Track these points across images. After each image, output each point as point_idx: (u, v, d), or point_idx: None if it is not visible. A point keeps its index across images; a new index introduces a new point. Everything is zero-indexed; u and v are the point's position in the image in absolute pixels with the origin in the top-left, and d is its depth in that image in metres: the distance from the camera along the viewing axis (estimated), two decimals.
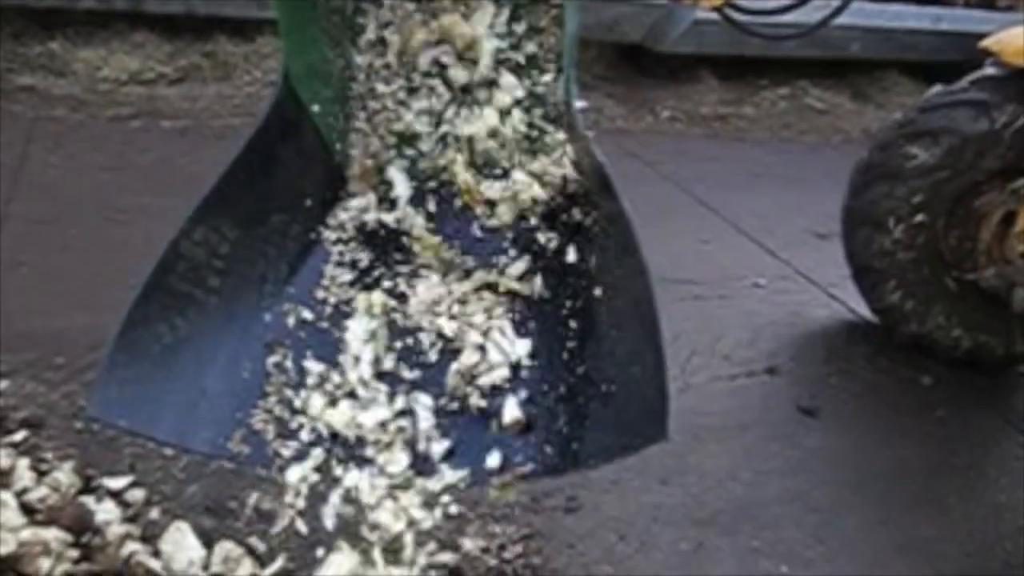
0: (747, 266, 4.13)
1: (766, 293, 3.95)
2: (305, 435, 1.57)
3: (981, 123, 3.23)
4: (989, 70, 3.31)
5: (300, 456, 1.55)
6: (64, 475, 2.31)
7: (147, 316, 1.44)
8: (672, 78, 6.07)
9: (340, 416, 1.58)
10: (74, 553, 2.07)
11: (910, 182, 3.33)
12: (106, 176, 4.15)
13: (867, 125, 6.04)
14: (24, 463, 2.31)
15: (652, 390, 1.29)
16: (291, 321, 1.65)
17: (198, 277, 1.50)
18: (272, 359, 1.62)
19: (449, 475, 1.53)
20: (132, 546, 2.13)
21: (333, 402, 1.58)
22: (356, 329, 1.63)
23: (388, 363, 1.63)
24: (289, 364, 1.61)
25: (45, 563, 1.99)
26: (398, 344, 1.65)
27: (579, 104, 1.57)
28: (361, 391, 1.61)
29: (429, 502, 1.53)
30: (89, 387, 1.56)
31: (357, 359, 1.61)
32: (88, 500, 2.26)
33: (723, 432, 2.99)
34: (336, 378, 1.62)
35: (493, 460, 1.53)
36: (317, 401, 1.59)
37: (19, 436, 2.47)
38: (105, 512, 2.24)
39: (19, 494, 2.19)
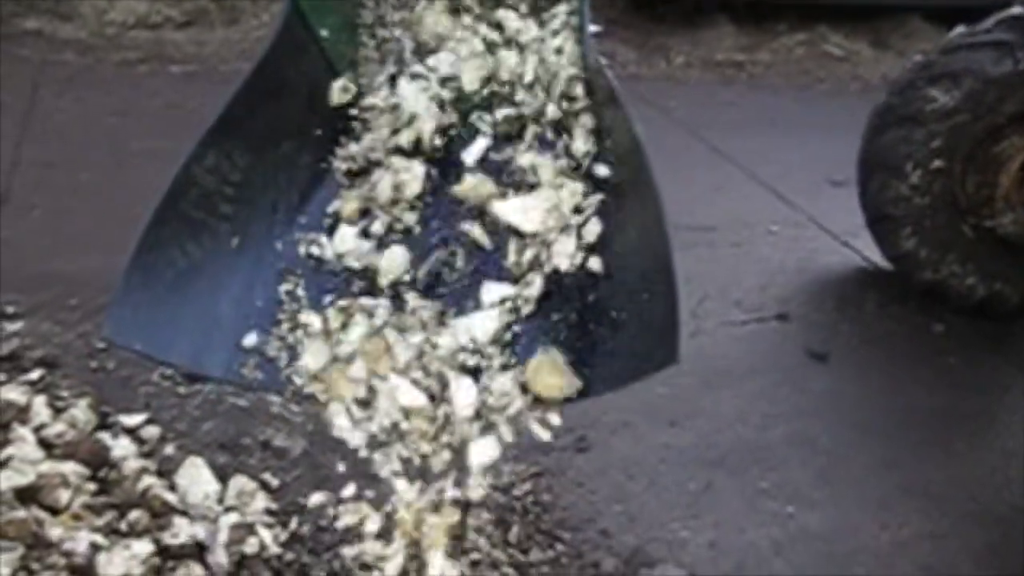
0: (760, 213, 4.09)
1: (779, 240, 3.92)
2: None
3: (1004, 65, 3.15)
4: (1015, 9, 3.22)
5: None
6: (80, 412, 2.35)
7: (160, 241, 1.44)
8: (687, 23, 5.96)
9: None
10: (92, 486, 2.11)
11: (929, 126, 3.26)
12: (115, 120, 4.14)
13: (886, 72, 5.90)
14: (41, 400, 2.35)
15: (662, 314, 1.29)
16: (302, 250, 1.65)
17: (210, 204, 1.50)
18: (284, 287, 1.62)
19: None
20: (148, 480, 2.16)
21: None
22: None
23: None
24: (301, 292, 1.61)
25: (64, 494, 2.02)
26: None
27: (592, 28, 1.54)
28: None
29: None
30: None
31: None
32: (104, 436, 2.30)
33: (733, 376, 3.00)
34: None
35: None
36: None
37: (35, 374, 2.51)
38: (121, 448, 2.27)
39: (37, 430, 2.23)
